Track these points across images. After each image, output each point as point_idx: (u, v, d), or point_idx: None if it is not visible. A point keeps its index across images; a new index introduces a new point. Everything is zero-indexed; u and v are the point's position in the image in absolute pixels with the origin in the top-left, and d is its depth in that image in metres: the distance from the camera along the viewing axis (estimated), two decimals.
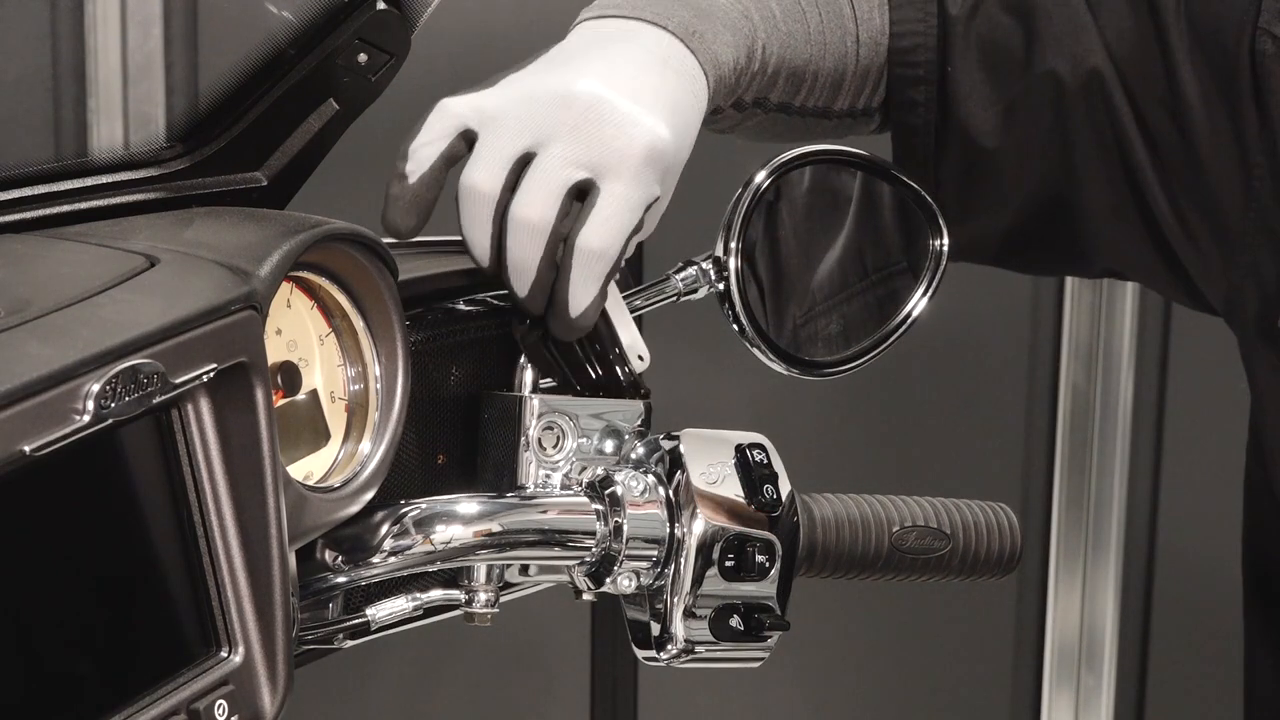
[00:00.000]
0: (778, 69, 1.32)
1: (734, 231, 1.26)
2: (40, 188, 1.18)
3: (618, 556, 1.22)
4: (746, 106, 1.33)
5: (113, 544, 1.02)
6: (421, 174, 1.18)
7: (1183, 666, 2.80)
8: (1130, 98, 1.34)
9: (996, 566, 1.34)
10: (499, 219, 1.17)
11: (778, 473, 1.26)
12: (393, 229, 1.19)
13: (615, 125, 1.17)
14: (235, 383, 1.06)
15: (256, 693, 1.07)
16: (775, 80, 1.33)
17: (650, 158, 1.18)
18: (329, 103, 1.25)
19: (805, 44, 1.33)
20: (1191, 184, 1.33)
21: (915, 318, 1.33)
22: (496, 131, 1.18)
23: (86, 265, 1.09)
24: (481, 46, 2.22)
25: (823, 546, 1.28)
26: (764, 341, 1.28)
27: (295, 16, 1.24)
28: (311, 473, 1.17)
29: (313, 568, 1.17)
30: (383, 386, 1.18)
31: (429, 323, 1.23)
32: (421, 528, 1.17)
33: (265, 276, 1.09)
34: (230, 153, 1.25)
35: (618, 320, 1.23)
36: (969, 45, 1.37)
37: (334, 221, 1.15)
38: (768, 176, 1.27)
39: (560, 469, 1.23)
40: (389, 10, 1.24)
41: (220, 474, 1.07)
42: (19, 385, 0.94)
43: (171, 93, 1.85)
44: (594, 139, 1.17)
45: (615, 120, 1.18)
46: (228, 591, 1.07)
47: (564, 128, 1.17)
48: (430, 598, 1.23)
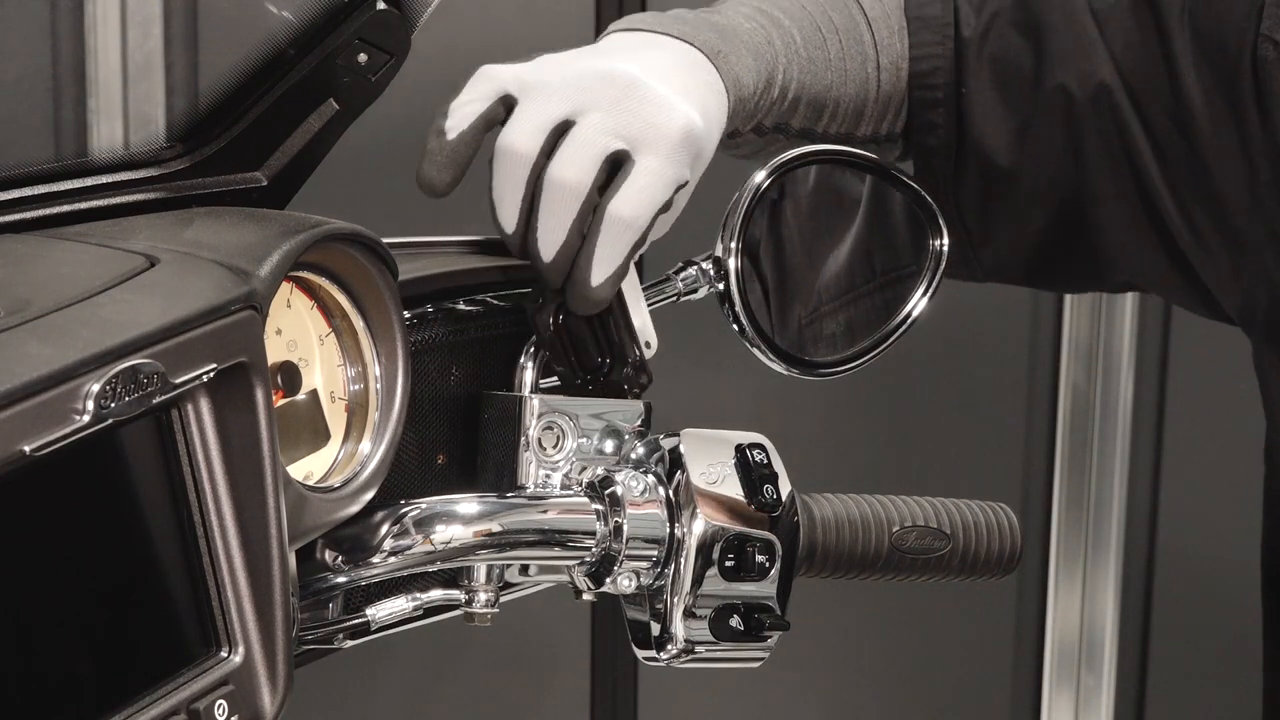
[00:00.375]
0: (799, 95, 1.33)
1: (734, 231, 1.26)
2: (40, 188, 1.18)
3: (618, 556, 1.22)
4: (767, 132, 1.35)
5: (113, 544, 1.02)
6: (460, 131, 1.19)
7: (1183, 666, 2.80)
8: (1138, 108, 1.35)
9: (996, 566, 1.34)
10: (533, 181, 1.18)
11: (778, 473, 1.26)
12: (428, 183, 1.19)
13: (654, 104, 1.20)
14: (235, 383, 1.06)
15: (256, 693, 1.07)
16: (796, 107, 1.34)
17: (686, 139, 1.20)
18: (329, 103, 1.25)
19: (826, 71, 1.35)
20: (1200, 191, 1.34)
21: (915, 318, 1.33)
22: (537, 98, 1.19)
23: (86, 265, 1.09)
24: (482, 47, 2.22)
25: (823, 546, 1.28)
26: (764, 341, 1.28)
27: (295, 16, 1.24)
28: (311, 473, 1.17)
29: (313, 568, 1.17)
30: (383, 386, 1.18)
31: (429, 323, 1.23)
32: (421, 528, 1.17)
33: (265, 276, 1.09)
34: (230, 153, 1.25)
35: (632, 303, 1.24)
36: (982, 65, 1.39)
37: (334, 221, 1.15)
38: (767, 176, 1.27)
39: (560, 469, 1.23)
40: (389, 10, 1.24)
41: (220, 474, 1.07)
42: (19, 385, 0.94)
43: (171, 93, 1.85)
44: (633, 113, 1.19)
45: (654, 100, 1.20)
46: (228, 591, 1.07)
47: (605, 99, 1.19)
48: (430, 598, 1.23)
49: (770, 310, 1.33)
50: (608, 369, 1.24)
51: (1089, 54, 1.36)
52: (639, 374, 1.24)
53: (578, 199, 1.17)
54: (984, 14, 1.40)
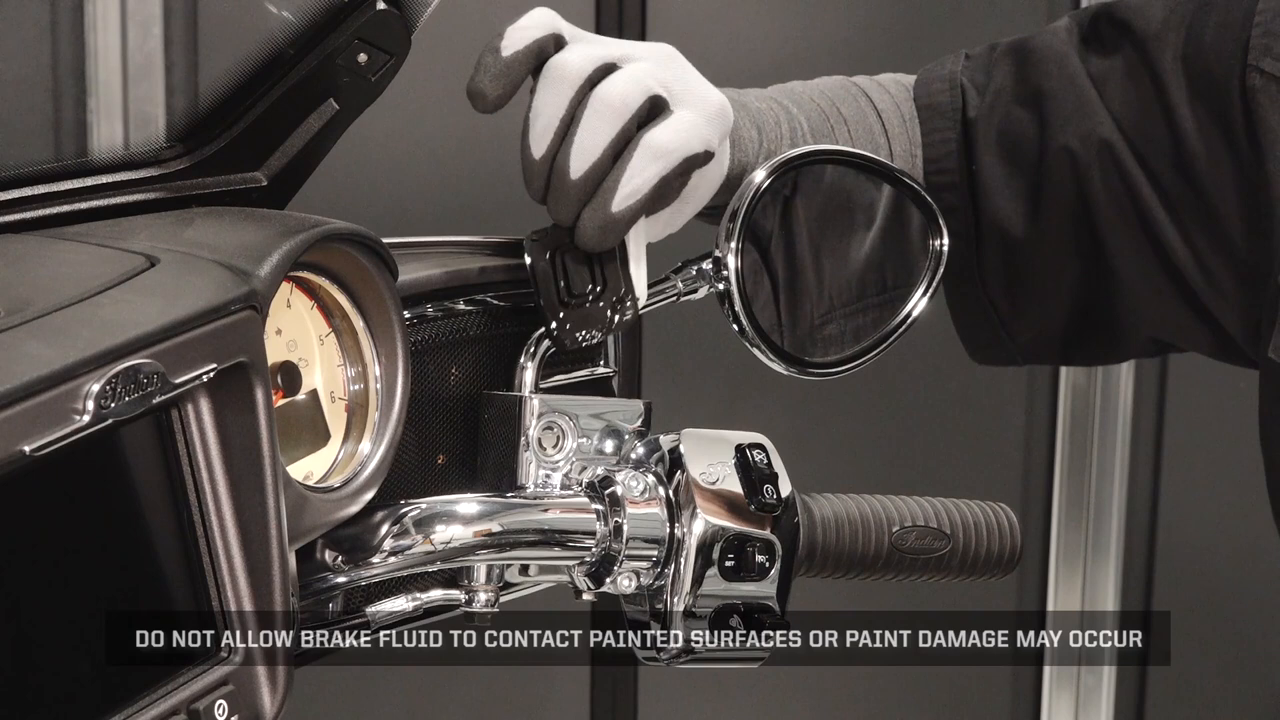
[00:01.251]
0: None
1: (734, 231, 1.26)
2: (40, 188, 1.18)
3: (618, 556, 1.22)
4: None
5: (113, 544, 1.02)
6: (515, 50, 1.21)
7: (1182, 666, 2.80)
8: (1140, 160, 1.38)
9: (996, 566, 1.34)
10: (576, 103, 1.20)
11: (778, 473, 1.26)
12: (479, 92, 1.21)
13: (697, 78, 1.25)
14: (235, 383, 1.06)
15: (256, 693, 1.07)
16: None
17: (722, 112, 1.24)
18: (329, 103, 1.25)
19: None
20: (1207, 232, 1.37)
21: (915, 318, 1.34)
22: (589, 41, 1.23)
23: (86, 265, 1.09)
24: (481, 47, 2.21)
25: (823, 546, 1.28)
26: (764, 341, 1.28)
27: (295, 16, 1.24)
28: (311, 473, 1.17)
29: (313, 568, 1.17)
30: (383, 386, 1.18)
31: (429, 323, 1.23)
32: (421, 528, 1.17)
33: (265, 276, 1.09)
34: (230, 153, 1.25)
35: (634, 255, 1.23)
36: (990, 142, 1.42)
37: (334, 221, 1.15)
38: (767, 176, 1.27)
39: (560, 469, 1.23)
40: (389, 10, 1.24)
41: (220, 474, 1.07)
42: (19, 385, 0.94)
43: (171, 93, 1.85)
44: (678, 75, 1.24)
45: (694, 73, 1.25)
46: (228, 591, 1.07)
47: (653, 57, 1.23)
48: (430, 598, 1.23)
49: (779, 306, 1.33)
50: (594, 296, 1.23)
51: (1089, 114, 1.39)
52: (623, 305, 1.24)
53: (620, 118, 1.20)
54: (988, 94, 1.43)
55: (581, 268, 1.22)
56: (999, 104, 1.42)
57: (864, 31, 2.68)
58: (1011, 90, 1.42)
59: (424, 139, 2.36)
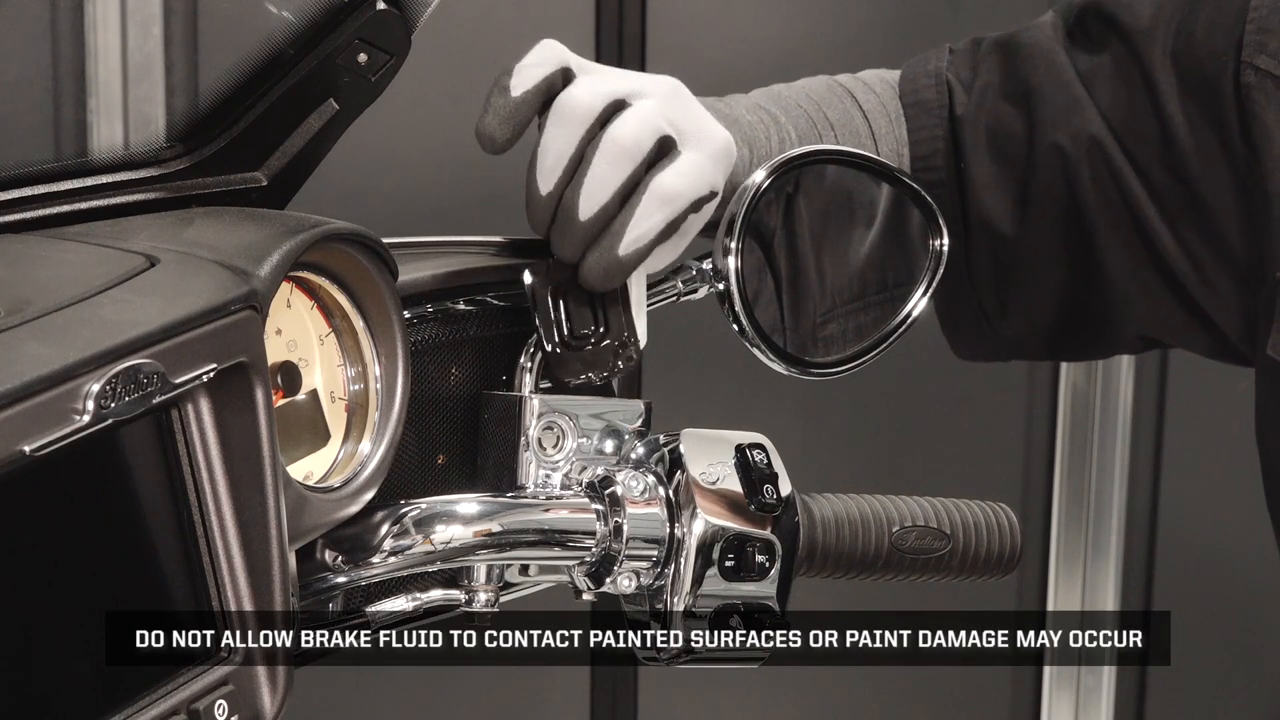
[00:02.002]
0: None
1: (734, 231, 1.26)
2: (40, 188, 1.18)
3: (618, 556, 1.22)
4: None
5: (113, 544, 1.02)
6: (524, 90, 1.21)
7: (1182, 666, 2.80)
8: (1130, 157, 1.38)
9: (996, 566, 1.34)
10: (585, 142, 1.20)
11: (778, 473, 1.26)
12: (488, 136, 1.21)
13: (700, 112, 1.24)
14: (235, 383, 1.06)
15: (256, 693, 1.07)
16: None
17: (727, 150, 1.24)
18: (329, 103, 1.25)
19: None
20: (1198, 228, 1.36)
21: (915, 318, 1.34)
22: (597, 75, 1.22)
23: (86, 265, 1.09)
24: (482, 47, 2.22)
25: (823, 546, 1.28)
26: (764, 341, 1.28)
27: (295, 16, 1.24)
28: (311, 473, 1.17)
29: (313, 568, 1.17)
30: (383, 386, 1.18)
31: (429, 323, 1.23)
32: (421, 528, 1.17)
33: (265, 276, 1.09)
34: (230, 153, 1.25)
35: (635, 300, 1.24)
36: (978, 139, 1.42)
37: (334, 221, 1.15)
38: (767, 176, 1.27)
39: (560, 469, 1.23)
40: (389, 10, 1.24)
41: (220, 474, 1.07)
42: (19, 385, 0.94)
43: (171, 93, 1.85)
44: (684, 111, 1.23)
45: (699, 109, 1.25)
46: (228, 591, 1.07)
47: (660, 93, 1.23)
48: (430, 598, 1.24)
49: (783, 304, 1.33)
50: (597, 338, 1.23)
51: (1078, 111, 1.39)
52: (625, 350, 1.24)
53: (631, 162, 1.19)
54: (975, 91, 1.42)
55: (584, 309, 1.23)
56: (986, 101, 1.42)
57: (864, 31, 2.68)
58: (999, 87, 1.42)
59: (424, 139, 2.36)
